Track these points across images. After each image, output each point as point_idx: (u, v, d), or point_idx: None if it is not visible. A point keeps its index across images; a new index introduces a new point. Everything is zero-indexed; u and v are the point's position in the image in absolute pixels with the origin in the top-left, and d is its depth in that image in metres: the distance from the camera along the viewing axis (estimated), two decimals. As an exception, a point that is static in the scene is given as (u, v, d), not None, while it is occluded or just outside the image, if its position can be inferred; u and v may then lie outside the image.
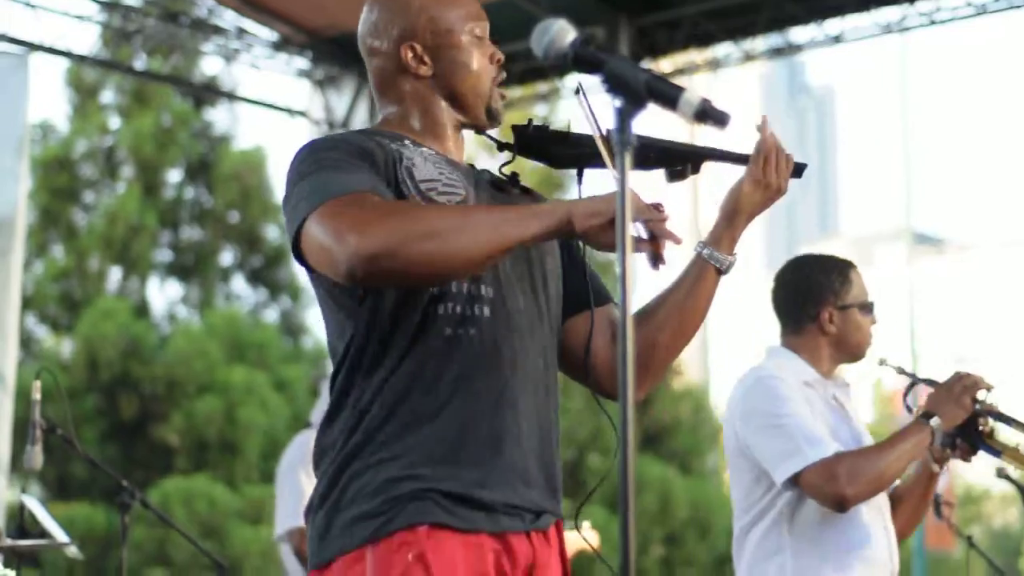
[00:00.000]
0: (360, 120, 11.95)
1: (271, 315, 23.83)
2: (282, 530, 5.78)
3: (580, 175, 3.09)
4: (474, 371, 2.83)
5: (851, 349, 4.34)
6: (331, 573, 2.80)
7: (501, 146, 3.10)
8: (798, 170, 3.09)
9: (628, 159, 2.30)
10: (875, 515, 4.18)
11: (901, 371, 4.44)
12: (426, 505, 2.76)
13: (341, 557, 2.78)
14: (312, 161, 2.84)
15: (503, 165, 3.10)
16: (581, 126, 3.01)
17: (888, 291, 4.95)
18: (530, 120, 3.07)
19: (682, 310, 3.01)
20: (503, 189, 3.09)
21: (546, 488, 2.93)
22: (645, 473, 27.57)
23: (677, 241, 2.75)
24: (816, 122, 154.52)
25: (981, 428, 4.22)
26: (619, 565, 2.20)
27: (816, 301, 4.33)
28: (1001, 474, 5.08)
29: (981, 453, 4.25)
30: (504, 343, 2.87)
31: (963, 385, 4.16)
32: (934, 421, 4.11)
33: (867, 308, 4.33)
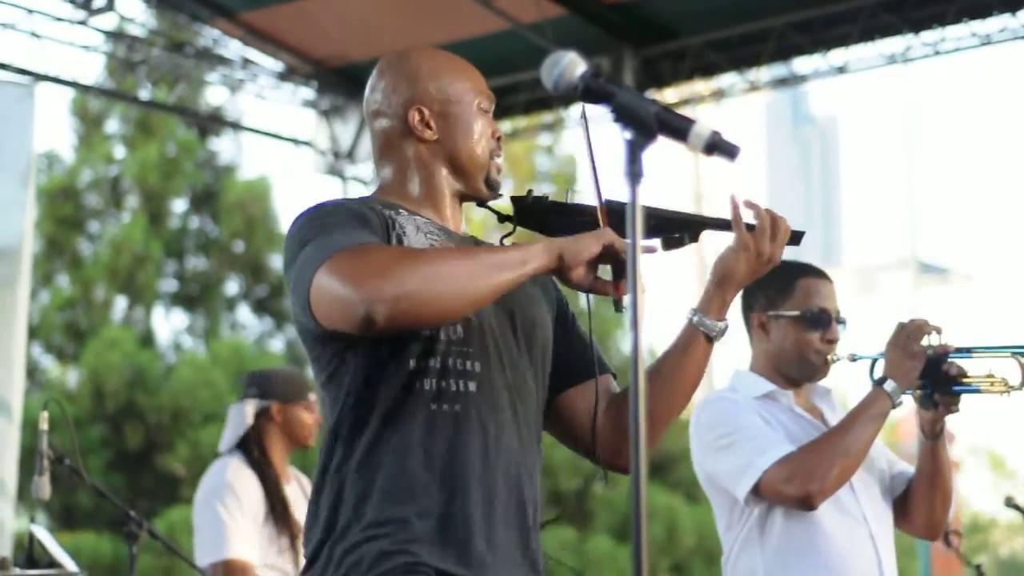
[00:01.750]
0: (365, 151, 11.96)
1: (276, 345, 23.82)
2: (204, 563, 5.70)
3: None
4: (457, 447, 2.83)
5: (790, 360, 4.14)
6: None
7: (501, 218, 3.11)
8: (796, 237, 3.10)
9: (638, 192, 2.30)
10: (853, 525, 4.01)
11: (853, 358, 4.15)
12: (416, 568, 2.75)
13: None
14: (313, 226, 2.86)
15: (504, 237, 3.11)
16: (581, 194, 3.03)
17: (893, 320, 4.95)
18: (530, 191, 3.08)
19: (673, 378, 3.03)
20: None
21: (529, 567, 2.93)
22: (651, 502, 27.40)
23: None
24: (820, 152, 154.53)
25: (947, 371, 3.97)
26: None
27: (749, 306, 4.22)
28: (1010, 503, 5.02)
29: (963, 397, 4.00)
30: (488, 419, 2.87)
31: (906, 335, 3.98)
32: (888, 385, 3.93)
33: (810, 320, 4.11)
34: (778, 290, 4.15)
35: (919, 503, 4.16)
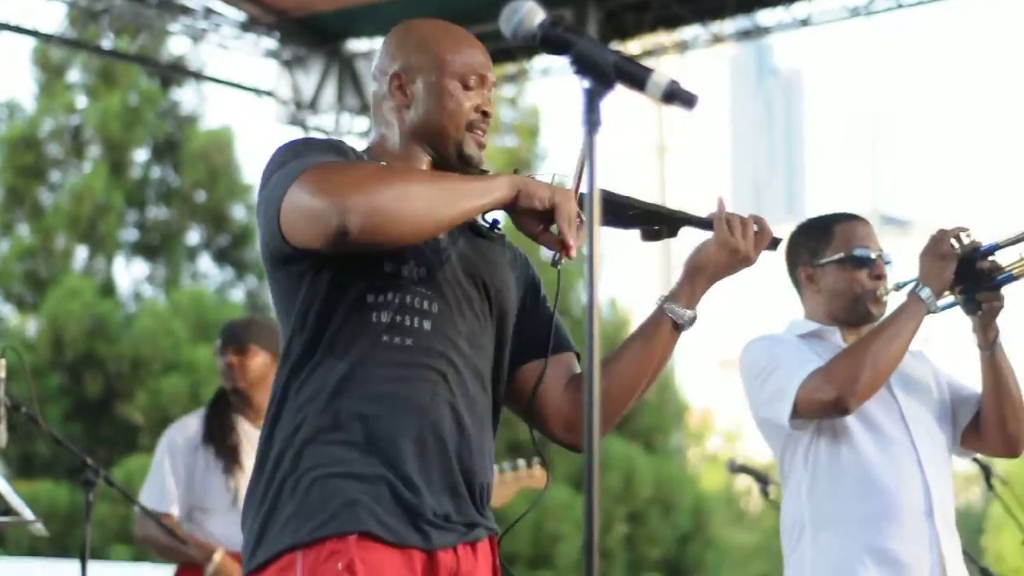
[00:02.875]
0: (328, 101, 11.94)
1: (237, 294, 23.80)
2: (139, 508, 5.74)
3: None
4: (408, 380, 2.86)
5: (844, 303, 4.16)
6: None
7: None
8: (773, 243, 3.14)
9: (595, 141, 2.31)
10: (899, 451, 4.00)
11: (899, 286, 4.17)
12: (357, 513, 2.78)
13: (273, 563, 2.80)
14: (288, 153, 2.88)
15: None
16: (564, 178, 3.00)
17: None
18: (516, 170, 3.03)
19: (636, 362, 3.07)
20: (482, 234, 3.09)
21: (477, 502, 2.96)
22: (609, 452, 27.63)
23: (570, 255, 2.82)
24: (783, 104, 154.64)
25: (981, 267, 4.00)
26: (583, 542, 2.23)
27: (793, 263, 4.26)
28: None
29: (1004, 289, 4.00)
30: (439, 359, 2.90)
31: (935, 240, 4.01)
32: (922, 291, 3.96)
33: (855, 260, 4.15)
34: (818, 240, 4.21)
35: (990, 420, 4.15)
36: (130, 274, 23.45)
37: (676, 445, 30.21)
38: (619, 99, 2.45)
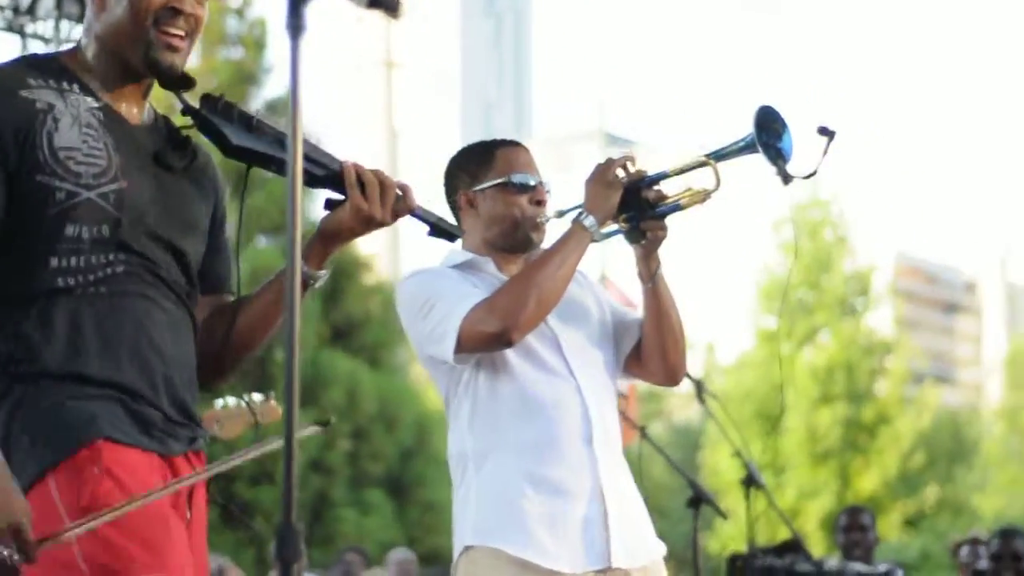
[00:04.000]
0: (46, 7, 11.57)
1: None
2: None
3: (247, 172, 3.08)
4: (115, 318, 2.89)
5: (503, 229, 4.10)
6: None
7: (186, 110, 3.02)
8: (451, 235, 3.46)
9: (300, 45, 2.26)
10: (557, 380, 3.97)
11: (560, 213, 4.14)
12: (98, 424, 2.80)
13: (28, 493, 2.76)
14: None
15: (180, 128, 3.06)
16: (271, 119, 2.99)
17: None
18: (222, 95, 2.98)
19: (264, 316, 3.13)
20: (167, 162, 3.04)
21: (192, 416, 3.01)
22: (334, 367, 27.66)
23: None
24: (512, 24, 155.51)
25: (646, 196, 3.97)
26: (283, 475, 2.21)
27: (453, 188, 4.20)
28: None
29: (668, 219, 3.98)
30: (139, 297, 2.93)
31: (601, 168, 3.98)
32: (586, 219, 3.92)
33: (515, 186, 4.09)
34: (478, 164, 4.15)
35: (651, 349, 4.13)
36: None
37: (401, 361, 30.37)
38: (345, 13, 2.40)
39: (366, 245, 33.84)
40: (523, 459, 3.90)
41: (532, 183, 4.11)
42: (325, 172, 3.06)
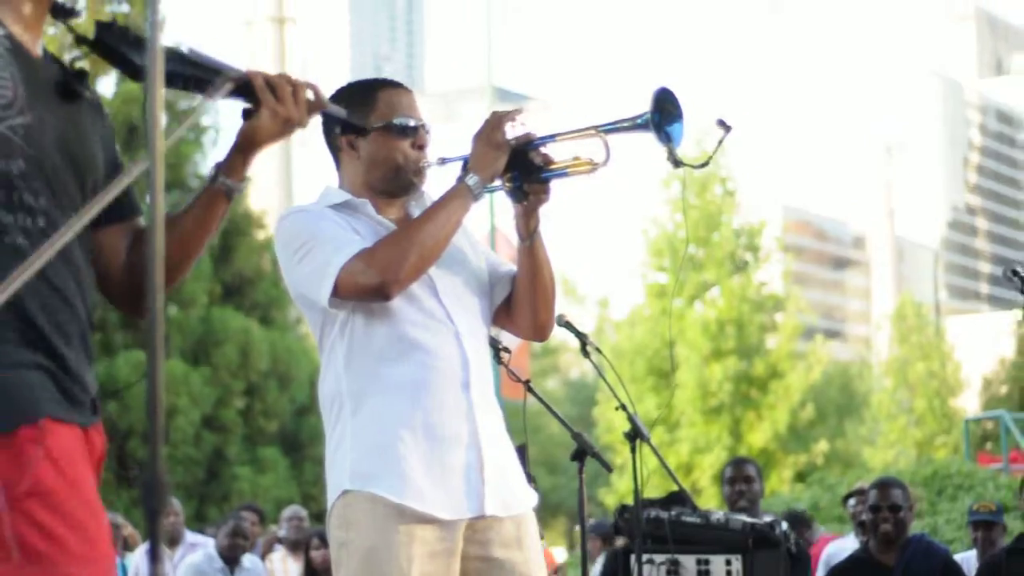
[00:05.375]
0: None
1: None
2: None
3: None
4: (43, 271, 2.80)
5: (384, 172, 4.06)
6: None
7: (79, 39, 2.98)
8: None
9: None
10: (436, 325, 3.96)
11: (442, 161, 4.11)
12: (37, 398, 2.76)
13: None
14: None
15: (74, 60, 3.02)
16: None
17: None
18: (115, 19, 2.96)
19: (194, 231, 3.09)
20: (68, 93, 3.00)
21: (86, 384, 2.94)
22: (226, 325, 27.54)
23: None
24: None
25: (533, 159, 3.95)
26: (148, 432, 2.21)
27: (331, 130, 4.14)
28: (560, 322, 4.98)
29: (552, 184, 3.98)
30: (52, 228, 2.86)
31: (490, 126, 3.94)
32: (469, 178, 3.90)
33: (397, 129, 4.05)
34: (360, 105, 4.06)
35: (522, 305, 4.13)
36: None
37: (294, 318, 30.26)
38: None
39: (257, 201, 33.59)
40: (400, 403, 3.89)
41: (414, 126, 4.08)
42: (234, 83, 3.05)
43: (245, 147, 3.12)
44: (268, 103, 3.08)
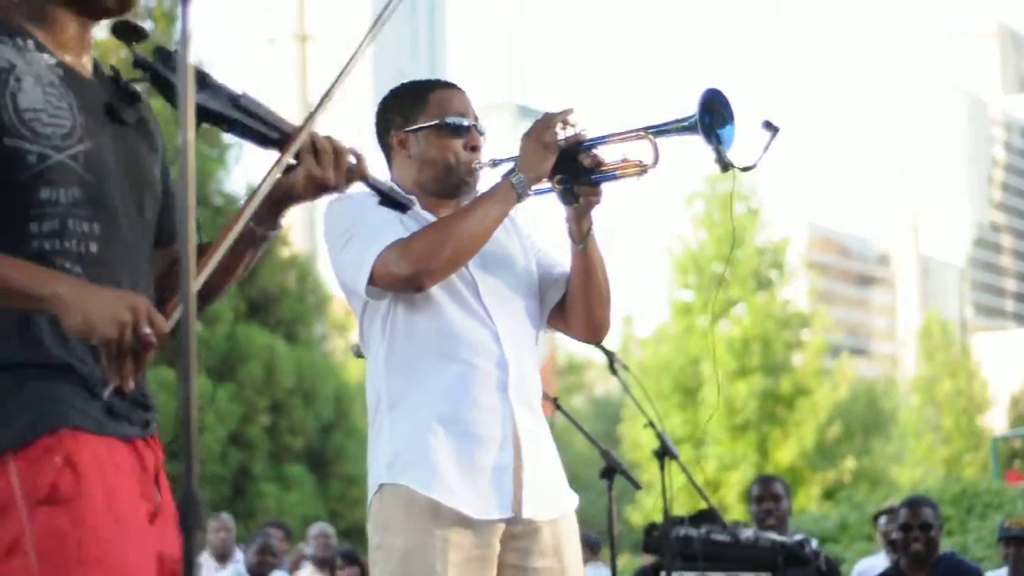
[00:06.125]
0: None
1: None
2: None
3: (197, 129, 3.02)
4: (94, 275, 2.80)
5: (435, 172, 4.02)
6: None
7: (137, 63, 2.92)
8: (401, 206, 3.26)
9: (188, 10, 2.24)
10: (477, 325, 3.93)
11: (494, 163, 4.07)
12: (62, 408, 2.74)
13: None
14: None
15: (130, 82, 2.99)
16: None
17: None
18: (176, 49, 2.84)
19: (226, 267, 3.05)
20: (120, 117, 2.98)
21: (146, 398, 2.95)
22: (251, 342, 27.55)
23: None
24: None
25: (582, 162, 3.88)
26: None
27: (385, 128, 4.12)
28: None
29: (602, 186, 3.91)
30: (110, 281, 2.83)
31: (540, 126, 3.88)
32: (515, 176, 3.85)
33: (449, 128, 4.01)
34: (412, 105, 4.06)
35: (576, 307, 4.08)
36: None
37: (319, 335, 30.30)
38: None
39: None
40: (434, 399, 3.86)
41: (466, 125, 4.04)
42: (279, 135, 2.99)
43: (277, 201, 3.07)
44: (308, 165, 3.02)
